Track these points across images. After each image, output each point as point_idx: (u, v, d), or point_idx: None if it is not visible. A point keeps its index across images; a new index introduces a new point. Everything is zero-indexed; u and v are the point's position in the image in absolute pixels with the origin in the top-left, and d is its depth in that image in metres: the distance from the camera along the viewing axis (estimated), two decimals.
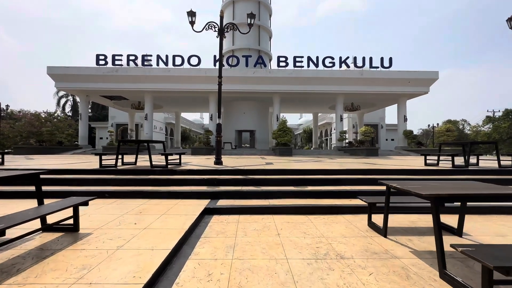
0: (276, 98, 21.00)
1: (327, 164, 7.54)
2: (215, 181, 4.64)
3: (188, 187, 4.46)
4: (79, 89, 20.43)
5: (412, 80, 20.16)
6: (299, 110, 32.56)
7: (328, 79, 19.97)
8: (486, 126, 34.96)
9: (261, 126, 24.64)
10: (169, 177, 4.82)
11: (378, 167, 6.09)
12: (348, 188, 4.48)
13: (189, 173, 5.10)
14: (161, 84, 20.26)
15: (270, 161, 9.39)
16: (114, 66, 20.09)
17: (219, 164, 6.41)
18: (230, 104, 24.70)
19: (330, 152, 20.22)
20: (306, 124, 48.88)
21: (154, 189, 4.28)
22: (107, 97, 22.86)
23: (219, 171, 5.23)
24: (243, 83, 19.92)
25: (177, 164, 6.24)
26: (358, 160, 10.11)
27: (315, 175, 5.12)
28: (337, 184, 4.71)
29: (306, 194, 4.21)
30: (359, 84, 20.29)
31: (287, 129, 16.61)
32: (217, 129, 6.46)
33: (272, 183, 4.68)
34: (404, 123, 21.67)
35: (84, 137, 21.43)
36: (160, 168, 5.29)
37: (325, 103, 25.12)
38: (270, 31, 27.07)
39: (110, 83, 20.06)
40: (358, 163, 8.32)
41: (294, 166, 6.51)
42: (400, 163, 8.37)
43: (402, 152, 19.96)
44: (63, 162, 7.80)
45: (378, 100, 23.44)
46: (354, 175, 5.22)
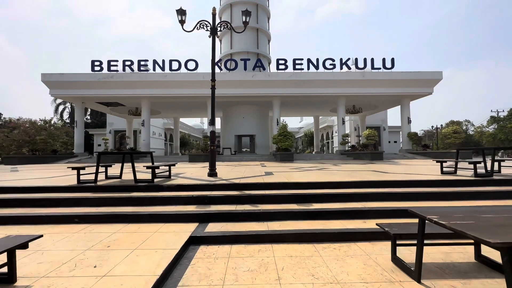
0: (276, 101, 20.45)
1: (332, 173, 6.91)
2: (206, 199, 4.02)
3: (174, 207, 3.85)
4: (74, 96, 19.95)
5: (416, 81, 19.60)
6: (300, 113, 32.01)
7: (329, 81, 19.43)
8: (491, 127, 34.26)
9: (261, 130, 24.06)
10: (154, 195, 4.21)
11: (390, 178, 5.46)
12: (360, 205, 3.86)
13: (177, 189, 4.49)
14: (158, 90, 19.78)
15: (270, 169, 8.78)
16: (109, 72, 19.65)
17: (213, 176, 5.81)
18: (229, 108, 24.17)
19: (332, 156, 19.58)
20: (307, 127, 48.28)
21: (134, 211, 3.67)
22: (103, 103, 22.38)
23: (212, 186, 4.62)
24: (242, 87, 19.40)
25: (166, 177, 5.64)
26: (364, 167, 9.48)
27: (321, 189, 4.50)
28: (346, 200, 4.09)
29: (312, 214, 3.59)
30: (361, 86, 19.74)
31: (288, 134, 16.02)
32: (211, 136, 5.87)
33: (272, 200, 4.06)
34: (408, 125, 21.05)
35: (80, 145, 20.90)
36: (145, 184, 4.68)
37: (326, 105, 24.55)
38: (268, 34, 26.66)
39: (105, 89, 19.58)
40: (365, 170, 7.70)
41: (296, 177, 5.89)
42: (411, 170, 7.73)
43: (407, 155, 19.29)
44: (47, 175, 7.21)
45: (380, 102, 22.86)
46: (364, 188, 4.60)
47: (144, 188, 4.48)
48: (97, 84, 19.39)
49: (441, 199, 4.16)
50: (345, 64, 19.95)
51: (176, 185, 4.51)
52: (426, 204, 3.94)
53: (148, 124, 21.11)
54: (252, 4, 24.93)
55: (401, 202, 4.01)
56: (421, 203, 3.95)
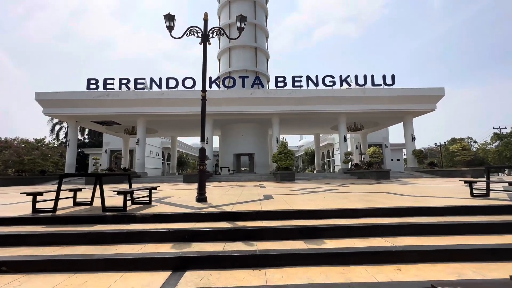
0: (275, 119, 19.89)
1: (340, 196, 6.00)
2: (187, 234, 3.11)
3: (143, 247, 2.93)
4: (68, 114, 19.39)
5: (418, 97, 19.16)
6: (300, 131, 31.48)
7: (328, 98, 18.98)
8: (495, 144, 33.56)
9: (260, 149, 23.28)
10: (121, 228, 3.30)
11: (412, 203, 4.56)
12: (388, 243, 2.94)
13: (153, 220, 3.58)
14: (155, 108, 19.26)
15: (269, 190, 7.85)
16: (105, 90, 19.26)
17: (201, 202, 4.89)
18: (227, 127, 23.59)
19: (335, 176, 18.62)
20: (307, 145, 47.61)
21: (87, 254, 2.74)
22: (99, 122, 21.80)
23: (197, 216, 3.71)
24: (240, 105, 18.91)
25: (146, 203, 4.73)
26: (374, 187, 8.56)
27: (333, 220, 3.59)
28: (367, 234, 3.18)
29: (325, 257, 2.67)
30: (361, 103, 19.27)
31: (288, 152, 15.21)
32: (200, 155, 5.04)
33: (272, 235, 3.15)
34: (412, 142, 20.32)
35: (71, 165, 19.98)
36: (115, 212, 3.78)
37: (327, 123, 24.00)
38: (267, 53, 26.80)
39: (100, 108, 19.06)
40: (377, 192, 6.79)
41: (299, 202, 4.97)
42: (429, 191, 6.82)
43: (413, 174, 18.34)
44: (6, 200, 6.27)
45: (382, 119, 22.33)
46: (387, 217, 3.70)
47: (111, 219, 3.58)
48: (92, 103, 18.90)
49: (488, 231, 3.26)
50: (345, 81, 19.64)
51: (153, 215, 3.61)
52: (473, 239, 3.03)
53: (143, 143, 20.35)
54: (251, 24, 25.27)
55: (441, 237, 3.10)
56: (466, 238, 3.05)
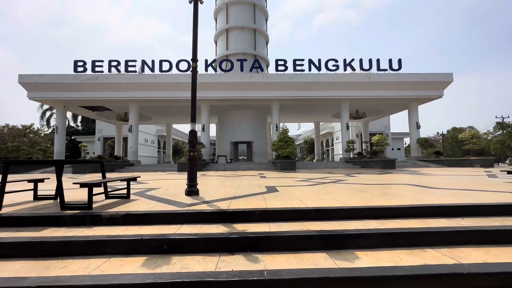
0: (274, 105, 18.89)
1: (358, 189, 5.17)
2: (167, 243, 2.28)
3: (103, 263, 2.09)
4: (54, 99, 18.20)
5: (425, 83, 18.20)
6: (300, 119, 30.51)
7: (331, 84, 17.96)
8: (498, 133, 32.99)
9: (259, 137, 22.38)
10: (78, 235, 2.45)
11: (454, 200, 3.76)
12: (450, 259, 2.11)
13: (125, 221, 2.74)
14: (147, 92, 18.14)
15: (271, 181, 7.04)
16: (94, 73, 18.03)
17: (192, 195, 4.05)
18: (224, 113, 22.56)
19: (337, 165, 17.89)
20: (306, 134, 46.80)
21: (14, 279, 1.91)
22: (88, 107, 20.64)
23: (184, 216, 2.86)
24: (238, 89, 17.84)
25: (124, 198, 3.88)
26: (388, 178, 7.79)
27: (360, 221, 2.77)
28: (411, 243, 2.36)
29: (362, 283, 1.85)
30: (366, 89, 18.28)
31: (289, 140, 14.36)
32: (191, 138, 4.16)
33: (282, 245, 2.32)
34: (417, 131, 19.54)
35: (60, 153, 19.00)
36: (76, 211, 2.93)
37: (328, 110, 23.06)
38: (266, 35, 25.38)
39: (89, 92, 17.90)
40: (396, 183, 6.01)
41: (311, 196, 4.11)
42: (452, 182, 6.05)
43: (418, 163, 17.67)
44: None
45: (386, 106, 21.41)
46: (429, 217, 2.89)
47: (69, 220, 2.73)
48: (80, 86, 17.70)
49: None
50: (349, 65, 18.54)
51: (125, 215, 2.76)
52: None
53: (136, 130, 19.34)
54: (249, 3, 23.74)
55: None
56: None
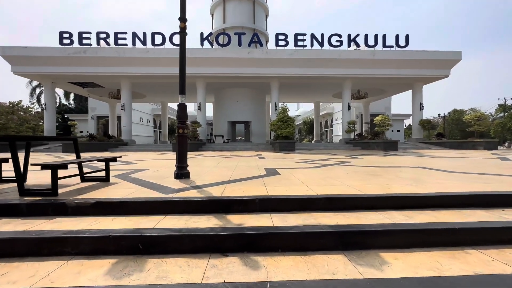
0: (274, 83, 18.04)
1: (368, 172, 4.71)
2: (142, 240, 1.81)
3: (60, 266, 1.62)
4: (41, 74, 17.14)
5: (431, 62, 17.35)
6: (299, 98, 29.65)
7: (334, 61, 17.04)
8: (499, 115, 32.57)
9: (257, 116, 21.72)
10: (32, 230, 1.96)
11: (484, 186, 3.32)
12: (502, 264, 1.70)
13: (94, 211, 2.24)
14: (139, 68, 17.12)
15: (271, 163, 6.58)
16: (81, 46, 16.85)
17: (182, 178, 3.56)
18: (221, 92, 21.67)
19: (337, 146, 17.49)
20: (304, 115, 46.01)
21: None
22: (78, 84, 19.62)
23: (167, 205, 2.36)
24: (236, 66, 16.88)
25: (102, 181, 3.39)
26: (394, 159, 7.37)
27: (381, 212, 2.32)
28: (449, 242, 1.90)
29: None
30: (370, 67, 17.42)
31: (289, 119, 13.77)
32: (179, 113, 3.58)
33: (288, 243, 1.87)
34: (420, 112, 19.02)
35: (50, 131, 18.29)
36: (38, 197, 2.44)
37: (329, 90, 22.26)
38: (266, 7, 23.78)
39: (77, 67, 16.84)
40: (405, 166, 5.58)
41: (318, 180, 3.60)
42: (465, 165, 5.63)
43: (419, 145, 17.33)
44: None
45: (389, 85, 20.64)
46: (462, 208, 2.44)
47: (27, 208, 2.24)
48: (67, 60, 16.60)
49: None
50: (353, 41, 17.52)
51: (95, 203, 2.27)
52: None
53: (129, 108, 18.54)
54: None
55: None
56: None
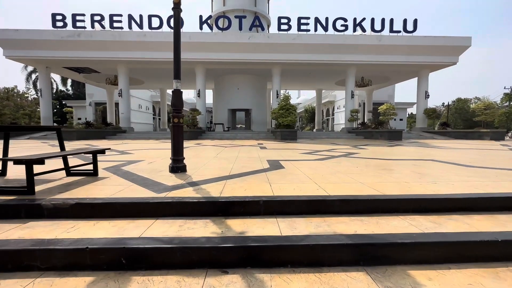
0: (276, 70, 17.45)
1: (380, 166, 4.36)
2: (124, 254, 1.51)
3: (18, 286, 1.35)
4: (34, 58, 16.57)
5: (439, 48, 16.67)
6: (301, 86, 28.98)
7: (339, 46, 16.38)
8: (505, 104, 31.98)
9: (258, 104, 21.24)
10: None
11: None
12: None
13: (74, 214, 1.93)
14: (136, 52, 16.50)
15: (273, 153, 6.29)
16: (75, 29, 16.16)
17: (177, 172, 3.26)
18: (221, 78, 21.07)
19: (339, 135, 17.16)
20: (305, 103, 45.29)
21: None
22: (73, 69, 19.02)
23: (158, 207, 2.07)
24: (236, 51, 16.25)
25: (90, 175, 3.10)
26: (401, 151, 7.07)
27: (404, 216, 2.02)
28: (492, 256, 1.61)
29: None
30: (376, 53, 16.78)
31: (291, 108, 13.36)
32: (174, 100, 3.22)
33: (297, 257, 1.58)
34: (425, 100, 18.50)
35: (47, 118, 17.95)
36: (13, 197, 2.15)
37: (332, 77, 21.63)
38: None
39: (71, 51, 16.22)
40: (419, 159, 5.28)
41: (328, 176, 3.21)
42: (486, 159, 5.33)
43: (424, 135, 16.99)
44: None
45: (395, 73, 20.00)
46: (496, 211, 2.14)
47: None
48: (61, 44, 15.98)
49: None
50: (359, 25, 16.78)
51: (75, 204, 1.98)
52: None
53: (127, 95, 18.09)
54: None
55: None
56: None
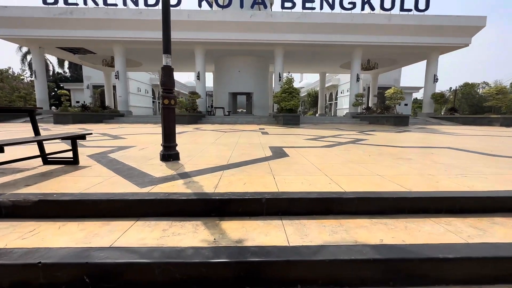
0: (278, 51, 16.67)
1: (393, 155, 3.93)
2: (87, 272, 1.18)
3: None
4: (25, 37, 15.83)
5: (452, 28, 15.74)
6: (305, 69, 28.01)
7: (346, 26, 15.49)
8: None
9: (260, 87, 20.57)
10: None
11: None
12: None
13: (37, 213, 1.59)
14: (132, 32, 15.70)
15: (275, 139, 5.91)
16: (67, 5, 15.29)
17: (168, 160, 2.91)
18: (222, 60, 20.27)
19: (343, 120, 16.67)
20: (308, 87, 44.21)
21: None
22: (67, 49, 18.26)
23: (141, 205, 1.72)
24: (237, 31, 15.43)
25: (69, 163, 2.75)
26: (411, 138, 6.66)
27: (436, 217, 1.66)
28: None
29: None
30: (384, 33, 15.90)
31: (294, 91, 12.79)
32: (164, 78, 2.80)
33: (313, 276, 1.25)
34: (433, 84, 17.79)
35: (43, 100, 17.48)
36: None
37: (337, 59, 20.78)
38: None
39: (64, 30, 15.45)
40: (432, 146, 4.89)
41: (338, 166, 2.83)
42: (507, 147, 4.94)
43: (430, 120, 16.47)
44: None
45: (403, 55, 19.12)
46: None
47: None
48: (53, 23, 15.18)
49: None
50: (367, 3, 15.78)
51: (38, 202, 1.64)
52: None
53: (124, 77, 17.45)
54: None
55: None
56: None
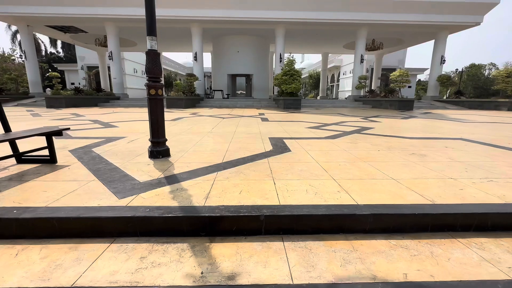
0: (279, 30, 15.84)
1: (406, 149, 3.64)
2: None
3: None
4: (10, 14, 14.92)
5: (463, 5, 14.81)
6: (306, 49, 26.95)
7: (352, 3, 14.57)
8: None
9: (260, 69, 19.85)
10: None
11: None
12: None
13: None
14: (125, 9, 14.81)
15: (276, 128, 5.61)
16: None
17: (157, 157, 2.64)
18: (220, 40, 19.36)
19: (344, 103, 16.21)
20: (310, 68, 42.96)
21: None
22: (57, 28, 17.34)
23: (119, 222, 1.44)
24: (235, 8, 14.54)
25: (46, 161, 2.46)
26: (418, 124, 6.34)
27: (463, 238, 1.42)
28: None
29: None
30: (391, 11, 15.01)
31: (295, 73, 12.25)
32: (149, 64, 2.43)
33: None
34: (440, 66, 17.11)
35: (35, 83, 16.91)
36: None
37: (341, 39, 19.86)
38: None
39: (52, 6, 14.58)
40: (445, 137, 4.59)
41: (346, 165, 2.47)
42: None
43: (435, 104, 16.02)
44: None
45: (410, 35, 18.22)
46: None
47: None
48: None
49: None
50: None
51: None
52: None
53: (118, 58, 16.74)
54: None
55: None
56: None
